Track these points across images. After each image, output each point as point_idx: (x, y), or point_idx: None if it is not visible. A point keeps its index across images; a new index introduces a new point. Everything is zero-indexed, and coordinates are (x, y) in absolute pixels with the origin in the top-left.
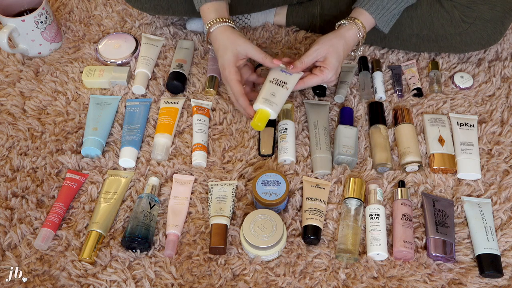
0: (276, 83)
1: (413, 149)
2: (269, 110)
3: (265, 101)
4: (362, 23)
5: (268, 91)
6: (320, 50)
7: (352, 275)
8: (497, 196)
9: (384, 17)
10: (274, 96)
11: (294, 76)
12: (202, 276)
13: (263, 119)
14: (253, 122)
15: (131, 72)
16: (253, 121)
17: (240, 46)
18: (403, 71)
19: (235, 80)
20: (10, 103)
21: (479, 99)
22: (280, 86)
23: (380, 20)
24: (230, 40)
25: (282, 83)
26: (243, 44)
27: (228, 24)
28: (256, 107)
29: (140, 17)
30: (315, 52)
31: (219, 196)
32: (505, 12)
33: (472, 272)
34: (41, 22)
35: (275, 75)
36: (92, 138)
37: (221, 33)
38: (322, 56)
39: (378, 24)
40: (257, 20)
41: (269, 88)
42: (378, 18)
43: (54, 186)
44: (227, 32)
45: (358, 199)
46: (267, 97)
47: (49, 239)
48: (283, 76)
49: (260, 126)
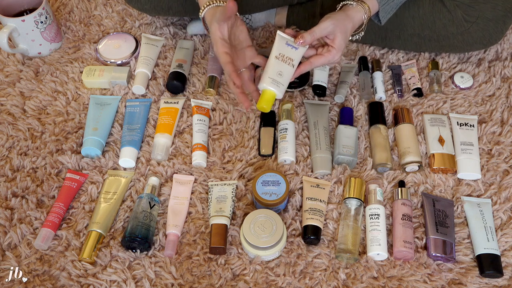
0: (282, 60)
1: (413, 149)
2: (275, 91)
3: (272, 82)
4: (369, 8)
5: (274, 70)
6: (331, 28)
7: (352, 275)
8: (497, 196)
9: (387, 6)
10: (281, 75)
11: (300, 50)
12: (202, 276)
13: (270, 101)
14: (259, 104)
15: (131, 72)
16: (259, 103)
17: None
18: (403, 71)
19: (222, 52)
20: (10, 103)
21: (479, 99)
22: (286, 63)
23: (383, 8)
24: (214, 12)
25: (288, 60)
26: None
27: (216, 4)
28: (262, 87)
29: (140, 17)
30: (326, 29)
31: (219, 196)
32: (506, 11)
33: (472, 272)
34: (41, 22)
35: (281, 50)
36: (92, 138)
37: (208, 13)
38: (332, 34)
39: (380, 12)
40: (258, 21)
41: (275, 65)
42: (382, 4)
43: (54, 186)
44: (214, 9)
45: (358, 199)
46: (274, 77)
47: (49, 239)
48: (289, 51)
49: (266, 108)
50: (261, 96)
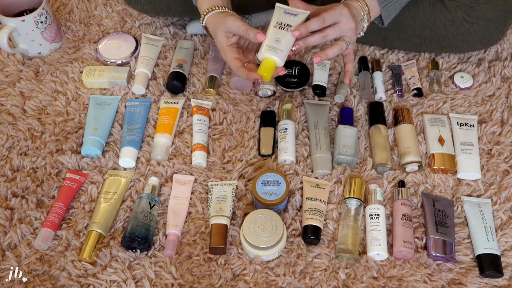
0: (280, 27)
1: (413, 149)
2: (274, 58)
3: (270, 49)
4: (366, 4)
5: (271, 37)
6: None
7: (352, 275)
8: (497, 196)
9: (389, 7)
10: (279, 41)
11: (300, 16)
12: (202, 276)
13: (269, 68)
14: (259, 72)
15: (131, 72)
16: (259, 71)
17: (226, 24)
18: (403, 71)
19: (231, 58)
20: (10, 103)
21: (479, 99)
22: (285, 30)
23: (385, 9)
24: (218, 22)
25: (286, 27)
26: (229, 22)
27: (218, 11)
28: (261, 56)
29: (140, 17)
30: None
31: (219, 196)
32: (507, 11)
33: (472, 272)
34: (41, 22)
35: (279, 18)
36: (92, 138)
37: (211, 20)
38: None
39: (382, 14)
40: (258, 21)
41: (272, 33)
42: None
43: (54, 186)
44: (217, 17)
45: (358, 199)
46: (271, 44)
47: (49, 239)
48: (287, 18)
49: (266, 76)
50: (261, 64)
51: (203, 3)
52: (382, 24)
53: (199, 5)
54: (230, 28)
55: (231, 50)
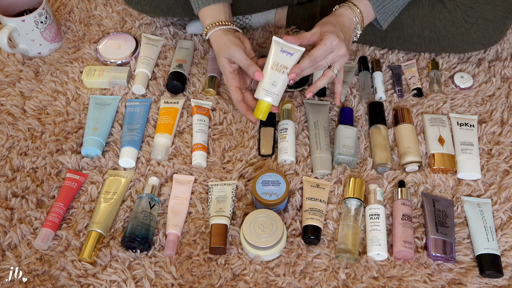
0: (276, 69)
1: (413, 149)
2: (269, 102)
3: (266, 93)
4: (358, 8)
5: (269, 80)
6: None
7: (352, 275)
8: (497, 196)
9: (385, 9)
10: (275, 85)
11: (296, 55)
12: (202, 276)
13: (265, 111)
14: (255, 114)
15: (131, 72)
16: (255, 112)
17: (230, 52)
18: (403, 71)
19: (232, 86)
20: (10, 103)
21: (479, 99)
22: (281, 72)
23: (380, 11)
24: (221, 46)
25: (282, 68)
26: (232, 50)
27: (222, 28)
28: (257, 97)
29: (140, 17)
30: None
31: (219, 196)
32: (506, 12)
33: (472, 272)
34: (41, 22)
35: (276, 58)
36: (92, 138)
37: (215, 38)
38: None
39: (377, 16)
40: (258, 21)
41: (270, 76)
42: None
43: (54, 186)
44: (221, 37)
45: (358, 199)
46: (267, 88)
47: (49, 239)
48: (283, 58)
49: (262, 117)
50: (257, 106)
51: (206, 16)
52: (381, 26)
53: (201, 17)
54: (233, 58)
55: (234, 78)
